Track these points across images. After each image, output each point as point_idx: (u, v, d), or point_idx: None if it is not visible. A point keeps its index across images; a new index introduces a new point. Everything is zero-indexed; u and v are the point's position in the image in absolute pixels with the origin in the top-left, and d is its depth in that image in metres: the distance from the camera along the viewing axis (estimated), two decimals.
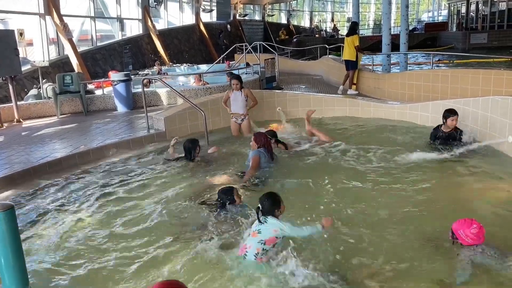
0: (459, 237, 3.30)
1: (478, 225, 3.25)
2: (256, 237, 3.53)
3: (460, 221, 3.33)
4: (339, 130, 7.83)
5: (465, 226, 3.27)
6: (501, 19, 30.96)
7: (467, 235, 3.25)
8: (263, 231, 3.53)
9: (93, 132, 8.23)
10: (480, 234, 3.25)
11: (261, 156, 5.62)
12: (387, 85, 11.13)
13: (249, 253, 3.51)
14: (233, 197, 4.37)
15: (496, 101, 6.14)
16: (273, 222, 3.53)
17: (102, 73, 15.43)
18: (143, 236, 4.17)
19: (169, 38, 21.95)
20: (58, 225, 4.52)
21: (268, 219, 3.55)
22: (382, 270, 3.40)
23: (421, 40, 33.54)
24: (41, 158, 6.48)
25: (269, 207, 3.59)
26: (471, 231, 3.23)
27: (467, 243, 3.27)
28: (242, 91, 7.69)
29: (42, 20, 13.32)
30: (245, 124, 7.78)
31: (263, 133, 6.06)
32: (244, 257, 3.53)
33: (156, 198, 5.03)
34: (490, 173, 5.37)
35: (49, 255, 3.94)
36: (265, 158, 5.66)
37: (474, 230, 3.24)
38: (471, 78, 9.07)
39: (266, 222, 3.55)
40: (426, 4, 61.38)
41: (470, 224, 3.26)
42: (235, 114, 7.77)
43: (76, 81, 10.26)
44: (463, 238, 3.27)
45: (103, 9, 17.75)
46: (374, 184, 5.15)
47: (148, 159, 6.65)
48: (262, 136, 5.90)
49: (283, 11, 39.80)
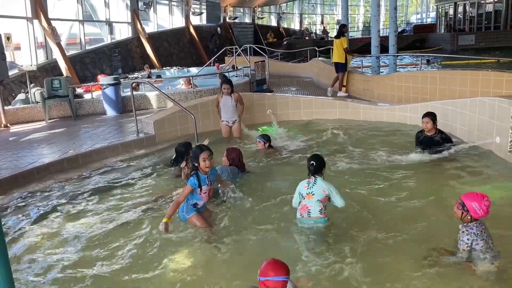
0: (471, 209, 3.36)
1: (488, 198, 3.37)
2: (312, 198, 4.13)
3: (472, 194, 3.42)
4: (328, 132, 7.84)
5: (478, 199, 3.35)
6: (488, 20, 31.33)
7: (481, 207, 3.33)
8: (315, 192, 4.13)
9: (82, 136, 8.16)
10: (489, 208, 3.36)
11: (223, 176, 5.15)
12: (376, 87, 11.19)
13: (313, 210, 4.12)
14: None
15: (483, 102, 6.19)
16: (321, 183, 4.15)
17: (91, 77, 15.32)
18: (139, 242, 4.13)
19: (158, 41, 21.87)
20: (44, 230, 4.47)
21: (318, 180, 4.16)
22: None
23: (410, 42, 33.75)
24: (29, 164, 6.40)
25: (318, 166, 4.21)
26: (484, 203, 3.33)
27: (478, 215, 3.35)
28: (232, 96, 7.59)
29: (29, 24, 13.19)
30: (236, 127, 7.73)
31: (237, 149, 5.77)
32: (308, 214, 4.13)
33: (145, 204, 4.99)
34: (478, 174, 5.42)
35: (38, 260, 3.89)
36: (230, 176, 5.34)
37: (487, 202, 3.34)
38: (459, 79, 9.15)
39: (315, 184, 4.15)
40: (415, 6, 61.95)
41: (482, 197, 3.37)
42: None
43: (65, 85, 10.16)
44: (476, 210, 3.34)
45: (91, 13, 17.64)
46: (359, 185, 5.17)
47: (138, 162, 6.61)
48: (235, 152, 5.65)
49: (273, 13, 39.89)
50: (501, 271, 3.31)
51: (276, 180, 5.62)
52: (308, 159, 4.32)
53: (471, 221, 3.39)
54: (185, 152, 5.75)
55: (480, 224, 3.39)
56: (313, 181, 4.17)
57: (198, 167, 4.32)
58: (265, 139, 6.58)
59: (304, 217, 4.16)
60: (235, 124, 7.72)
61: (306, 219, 4.15)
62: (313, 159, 4.27)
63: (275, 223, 4.32)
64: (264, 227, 4.24)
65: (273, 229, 4.21)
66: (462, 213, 3.41)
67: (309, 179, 4.22)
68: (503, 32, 29.64)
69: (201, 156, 4.28)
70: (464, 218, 3.42)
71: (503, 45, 28.00)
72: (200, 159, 4.29)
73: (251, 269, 3.12)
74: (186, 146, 5.84)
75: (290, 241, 4.00)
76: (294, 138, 7.41)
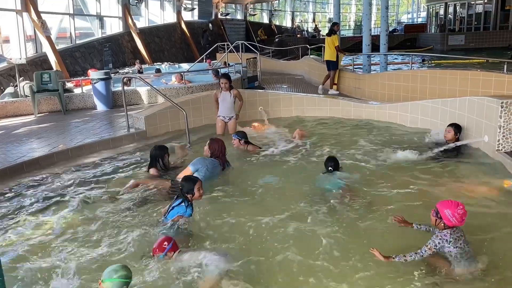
0: (444, 217, 3.36)
1: (463, 207, 3.36)
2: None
3: (447, 201, 3.43)
4: (318, 129, 7.89)
5: (452, 206, 3.35)
6: (477, 21, 31.61)
7: (453, 215, 3.32)
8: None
9: (72, 131, 8.10)
10: (464, 216, 3.34)
11: (200, 170, 5.10)
12: (367, 85, 11.26)
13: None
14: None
15: (472, 101, 6.27)
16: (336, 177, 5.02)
17: (81, 71, 15.20)
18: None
19: (150, 36, 21.74)
20: (31, 225, 4.43)
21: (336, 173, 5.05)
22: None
23: (401, 41, 33.98)
24: (18, 158, 6.34)
25: (335, 167, 5.12)
26: (458, 211, 3.32)
27: (451, 223, 3.35)
28: (231, 92, 7.39)
29: (19, 17, 13.02)
30: (232, 123, 7.57)
31: (220, 141, 5.59)
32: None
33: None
34: (466, 172, 5.49)
35: (27, 256, 3.86)
36: (208, 170, 5.19)
37: (460, 210, 3.32)
38: (448, 79, 9.25)
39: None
40: (406, 5, 62.31)
41: (456, 204, 3.36)
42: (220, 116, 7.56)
43: (55, 79, 10.06)
44: (449, 218, 3.33)
45: (82, 6, 17.46)
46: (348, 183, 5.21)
47: (128, 157, 6.58)
48: (217, 143, 5.49)
49: (265, 10, 39.84)
50: (480, 274, 3.33)
51: (255, 177, 5.53)
52: (326, 160, 5.20)
53: (445, 228, 3.39)
54: (159, 156, 5.52)
55: (454, 232, 3.36)
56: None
57: (191, 198, 4.17)
58: (240, 136, 6.50)
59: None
60: (231, 121, 7.56)
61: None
62: (331, 160, 5.15)
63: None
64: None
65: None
66: (436, 220, 3.44)
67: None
68: (492, 33, 29.96)
69: (196, 187, 4.15)
70: (438, 225, 3.43)
71: (492, 45, 28.34)
72: (195, 190, 4.16)
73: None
74: (160, 149, 5.60)
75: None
76: (284, 135, 7.42)
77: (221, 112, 7.55)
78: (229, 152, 5.92)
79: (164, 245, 3.57)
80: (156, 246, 3.60)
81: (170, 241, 3.61)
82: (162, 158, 5.52)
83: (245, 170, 5.87)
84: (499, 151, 5.67)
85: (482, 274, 3.31)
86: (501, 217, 4.26)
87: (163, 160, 5.54)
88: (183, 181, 4.33)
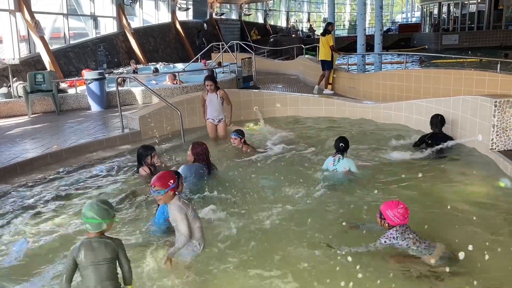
0: (387, 217, 3.54)
1: (403, 206, 3.54)
2: (336, 174, 5.20)
3: (388, 202, 3.61)
4: (313, 129, 7.90)
5: (392, 207, 3.54)
6: (471, 21, 31.77)
7: (395, 215, 3.51)
8: (339, 169, 5.22)
9: (66, 131, 8.06)
10: (406, 214, 3.53)
11: (188, 178, 4.94)
12: (362, 85, 11.29)
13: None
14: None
15: (466, 100, 6.30)
16: (343, 162, 5.22)
17: (75, 72, 15.11)
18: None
19: (144, 36, 21.67)
20: (26, 226, 4.41)
21: (341, 159, 5.20)
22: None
23: (395, 41, 34.08)
24: (12, 159, 6.30)
25: (345, 147, 5.24)
26: (398, 211, 3.50)
27: (394, 222, 3.53)
28: (218, 94, 7.25)
29: (12, 17, 12.94)
30: (222, 126, 7.45)
31: (203, 144, 5.38)
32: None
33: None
34: (460, 171, 5.51)
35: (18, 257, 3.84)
36: (196, 176, 5.06)
37: (400, 210, 3.50)
38: (442, 78, 9.28)
39: (339, 162, 5.20)
40: (400, 5, 62.52)
41: (396, 204, 3.54)
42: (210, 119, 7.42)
43: (49, 79, 10.01)
44: (391, 218, 3.52)
45: (76, 6, 17.36)
46: (343, 181, 5.22)
47: (122, 158, 6.56)
48: (200, 147, 5.29)
49: (259, 10, 39.84)
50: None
51: (250, 179, 5.51)
52: (336, 140, 5.31)
53: (390, 228, 3.55)
54: (144, 155, 5.51)
55: (400, 227, 3.53)
56: (337, 159, 5.22)
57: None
58: (241, 135, 6.46)
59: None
60: (221, 123, 7.42)
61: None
62: (342, 140, 5.26)
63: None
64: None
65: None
66: (381, 221, 3.62)
67: (334, 157, 5.26)
68: (485, 32, 30.13)
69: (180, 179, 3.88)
70: (383, 225, 3.62)
71: (486, 45, 28.49)
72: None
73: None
74: (146, 149, 5.58)
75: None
76: (279, 135, 7.42)
77: (210, 114, 7.39)
78: (226, 153, 5.89)
79: (170, 182, 3.39)
80: (158, 179, 3.40)
81: (175, 180, 3.45)
82: (149, 157, 5.52)
83: (240, 171, 5.85)
84: (492, 150, 5.71)
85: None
86: (495, 215, 4.29)
87: (151, 159, 5.54)
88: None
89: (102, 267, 2.78)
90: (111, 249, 2.81)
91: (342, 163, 5.21)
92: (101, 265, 2.78)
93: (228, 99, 7.35)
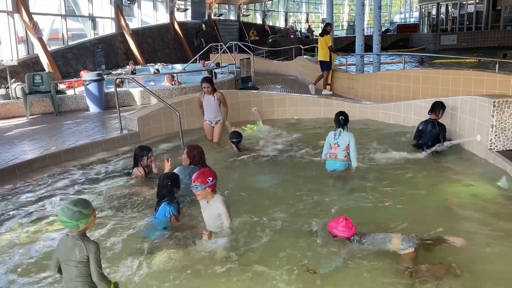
0: (339, 235, 3.65)
1: (343, 218, 3.66)
2: (337, 149, 5.33)
3: (331, 224, 3.72)
4: (312, 129, 7.89)
5: (335, 223, 3.67)
6: (469, 21, 31.83)
7: (340, 230, 3.63)
8: (340, 142, 5.33)
9: (65, 133, 8.04)
10: (349, 225, 3.63)
11: (182, 178, 4.83)
12: (360, 85, 11.29)
13: (339, 155, 5.34)
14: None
15: (465, 101, 6.30)
16: (344, 135, 5.34)
17: (74, 73, 15.09)
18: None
19: (143, 37, 21.67)
20: (24, 228, 4.40)
21: (342, 133, 5.32)
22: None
23: (394, 41, 34.15)
24: (10, 160, 6.29)
25: (345, 120, 5.36)
26: (340, 225, 3.62)
27: (346, 235, 3.63)
28: (214, 96, 7.18)
29: (10, 18, 12.91)
30: (218, 128, 7.31)
31: (198, 147, 5.32)
32: (335, 157, 5.37)
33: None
34: (458, 171, 5.51)
35: (13, 258, 3.83)
36: (188, 176, 4.80)
37: (342, 223, 3.62)
38: (441, 78, 9.29)
39: (340, 135, 5.33)
40: (398, 6, 62.59)
41: (338, 220, 3.67)
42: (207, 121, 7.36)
43: (47, 80, 9.99)
44: (338, 233, 3.64)
45: (74, 7, 17.35)
46: (340, 181, 5.22)
47: (121, 159, 6.55)
48: (196, 149, 5.24)
49: (258, 11, 39.87)
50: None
51: (246, 180, 5.51)
52: (336, 114, 5.44)
53: (350, 239, 3.64)
54: (140, 155, 5.51)
55: (356, 235, 3.64)
56: (338, 133, 5.35)
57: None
58: (239, 137, 6.52)
59: (332, 158, 5.36)
60: (217, 125, 7.30)
61: (333, 160, 5.35)
62: (341, 114, 5.40)
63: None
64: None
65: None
66: (339, 238, 3.68)
67: (335, 131, 5.40)
68: (483, 33, 30.19)
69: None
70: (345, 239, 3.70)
71: (484, 45, 28.56)
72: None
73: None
74: (142, 149, 5.56)
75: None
76: (278, 135, 7.42)
77: (207, 116, 7.34)
78: (222, 155, 5.88)
79: (208, 179, 3.64)
80: (198, 175, 3.64)
81: (214, 178, 3.68)
82: (145, 157, 5.52)
83: (236, 172, 5.86)
84: (491, 150, 5.70)
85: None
86: (493, 215, 4.28)
87: (148, 160, 5.54)
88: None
89: (71, 268, 2.68)
90: (79, 251, 2.66)
91: (343, 136, 5.33)
92: (69, 266, 2.69)
93: (225, 101, 7.30)
